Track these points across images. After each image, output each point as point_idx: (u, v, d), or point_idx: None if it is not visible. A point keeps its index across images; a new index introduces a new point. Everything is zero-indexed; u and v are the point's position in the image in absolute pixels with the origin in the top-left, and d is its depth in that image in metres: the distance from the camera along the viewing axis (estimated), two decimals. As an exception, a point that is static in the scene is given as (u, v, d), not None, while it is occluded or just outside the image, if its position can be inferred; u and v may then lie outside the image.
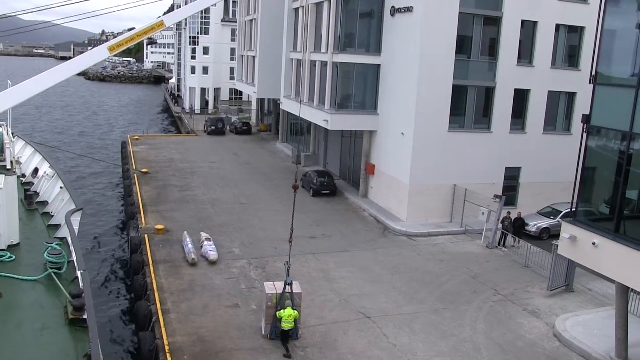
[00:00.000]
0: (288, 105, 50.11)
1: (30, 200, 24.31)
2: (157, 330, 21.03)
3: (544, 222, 34.16)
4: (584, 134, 19.50)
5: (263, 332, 20.41)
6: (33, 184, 27.22)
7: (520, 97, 36.45)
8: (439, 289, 25.94)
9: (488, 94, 36.02)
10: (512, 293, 25.91)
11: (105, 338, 23.28)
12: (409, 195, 34.64)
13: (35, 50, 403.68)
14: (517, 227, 32.05)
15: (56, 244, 18.80)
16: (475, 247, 31.88)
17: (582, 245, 19.14)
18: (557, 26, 36.36)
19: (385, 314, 22.95)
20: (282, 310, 19.85)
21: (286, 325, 19.85)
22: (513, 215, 32.40)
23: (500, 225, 31.86)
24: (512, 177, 37.01)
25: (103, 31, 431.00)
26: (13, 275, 17.09)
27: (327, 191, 40.69)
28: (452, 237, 33.42)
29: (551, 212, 34.62)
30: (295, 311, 20.05)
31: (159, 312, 22.18)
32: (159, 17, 22.05)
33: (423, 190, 34.50)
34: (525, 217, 33.27)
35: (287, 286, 19.79)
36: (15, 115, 67.63)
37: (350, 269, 27.72)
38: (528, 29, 35.80)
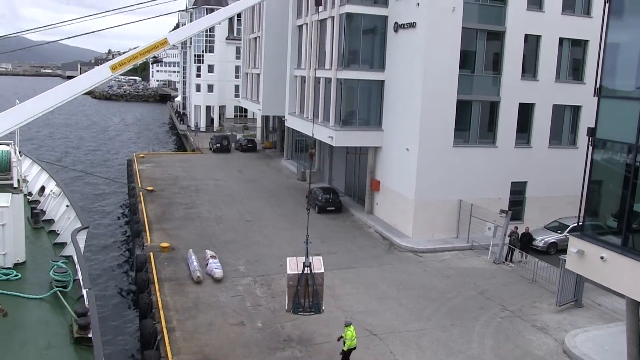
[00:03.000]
0: (293, 122, 50.20)
1: (36, 218, 24.31)
2: (162, 348, 20.93)
3: (552, 237, 33.95)
4: (590, 147, 19.40)
5: (286, 308, 20.16)
6: (39, 202, 27.24)
7: (525, 112, 36.41)
8: (445, 306, 25.74)
9: (493, 108, 36.00)
10: (520, 309, 25.68)
11: (110, 357, 23.13)
12: (415, 211, 34.52)
13: (43, 70, 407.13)
14: (524, 242, 31.86)
15: (62, 263, 18.75)
16: (482, 263, 31.68)
17: (590, 259, 18.96)
18: (561, 40, 36.42)
19: (392, 331, 22.77)
20: (346, 331, 20.00)
21: (350, 343, 19.88)
22: (520, 230, 32.24)
23: (507, 241, 31.67)
24: (518, 192, 36.85)
25: (109, 50, 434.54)
26: (19, 294, 17.04)
27: (333, 208, 40.60)
28: (458, 252, 33.23)
29: (558, 227, 34.43)
30: (348, 332, 20.14)
31: (164, 330, 22.09)
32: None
33: (429, 206, 34.38)
34: (532, 231, 33.08)
35: (306, 267, 19.44)
36: (27, 134, 67.89)
37: (356, 285, 27.56)
38: (532, 43, 35.87)
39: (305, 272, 19.46)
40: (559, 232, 33.98)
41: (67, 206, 24.36)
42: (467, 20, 33.68)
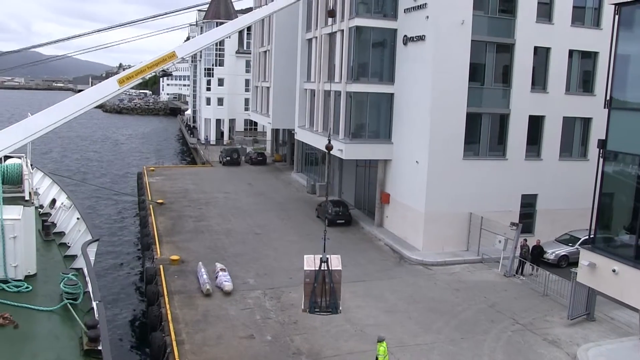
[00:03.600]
0: (302, 136, 50.32)
1: (47, 231, 24.44)
2: (171, 361, 20.90)
3: (563, 250, 33.72)
4: (601, 160, 19.33)
5: (302, 307, 19.17)
6: (50, 214, 27.39)
7: (535, 124, 36.32)
8: (456, 319, 25.57)
9: (502, 121, 35.95)
10: (531, 322, 25.46)
11: (120, 370, 23.16)
12: (425, 224, 34.41)
13: (55, 84, 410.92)
14: (535, 255, 31.67)
15: (72, 275, 18.81)
16: (492, 276, 31.49)
17: (602, 272, 18.84)
18: (571, 52, 36.39)
19: (402, 345, 22.63)
20: (379, 347, 19.95)
21: (386, 358, 19.83)
22: (531, 243, 32.05)
23: (517, 253, 31.49)
24: (528, 205, 36.67)
25: (120, 64, 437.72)
26: (30, 306, 17.10)
27: (343, 221, 40.55)
28: (468, 265, 33.05)
29: (569, 240, 34.20)
30: (382, 348, 20.10)
31: (174, 343, 22.07)
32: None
33: (439, 218, 34.27)
34: (543, 244, 32.88)
35: (322, 263, 18.59)
36: (39, 148, 68.51)
37: (366, 298, 27.45)
38: (541, 55, 35.85)
39: (322, 268, 18.62)
40: (570, 244, 33.75)
41: (78, 219, 24.48)
42: (476, 33, 33.73)
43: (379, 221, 39.99)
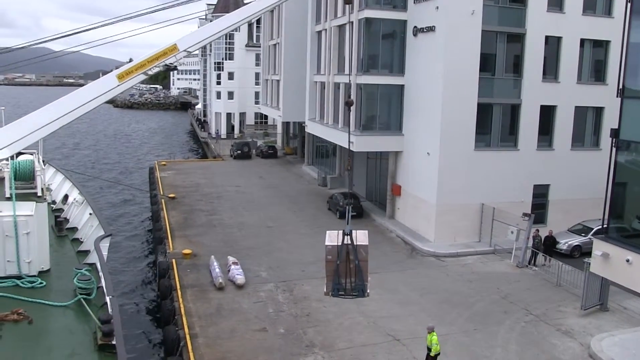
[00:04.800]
0: (313, 128, 50.28)
1: (60, 226, 24.56)
2: (185, 355, 21.04)
3: (575, 240, 33.53)
4: (614, 149, 19.17)
5: (325, 290, 17.44)
6: (63, 210, 27.55)
7: (547, 114, 36.08)
8: (469, 310, 25.53)
9: (514, 111, 35.74)
10: (544, 313, 25.37)
11: (134, 363, 23.31)
12: (437, 216, 34.33)
13: (66, 80, 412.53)
14: (547, 246, 31.54)
15: (86, 270, 18.91)
16: (505, 267, 31.38)
17: (615, 262, 18.73)
18: (582, 41, 36.06)
19: (415, 337, 22.61)
20: (431, 337, 19.68)
21: (437, 348, 19.70)
22: (543, 234, 31.89)
23: (530, 244, 31.34)
24: (541, 195, 36.47)
25: (131, 59, 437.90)
26: (44, 301, 17.23)
27: (354, 213, 40.33)
28: (481, 257, 32.96)
29: (582, 230, 33.99)
30: (435, 337, 19.60)
31: (187, 336, 22.19)
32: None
33: (450, 210, 34.16)
34: (555, 235, 32.71)
35: (346, 237, 16.63)
36: (52, 143, 68.89)
37: (379, 290, 27.39)
38: (552, 44, 35.55)
39: (345, 243, 16.53)
40: (582, 234, 33.54)
41: (90, 214, 24.62)
42: (486, 23, 33.51)
43: (390, 213, 39.93)
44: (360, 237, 16.85)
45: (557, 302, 26.58)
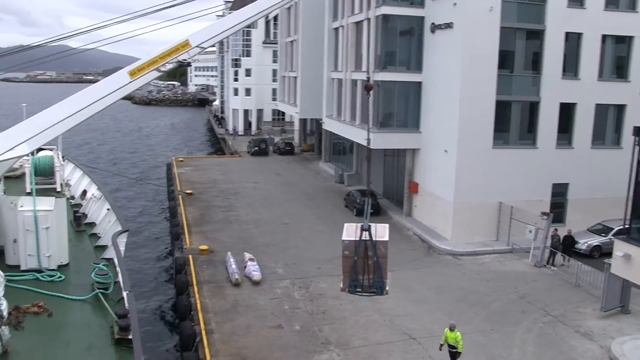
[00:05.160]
0: (330, 125, 50.21)
1: (79, 221, 24.80)
2: (200, 350, 21.12)
3: (595, 240, 33.13)
4: (636, 147, 18.88)
5: (341, 286, 16.68)
6: (82, 205, 27.78)
7: (567, 112, 35.64)
8: (485, 310, 25.33)
9: (533, 109, 35.36)
10: (562, 314, 25.08)
11: (150, 358, 23.39)
12: (454, 214, 34.11)
13: (85, 77, 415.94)
14: (566, 245, 31.18)
15: (103, 265, 19.08)
16: (523, 266, 31.10)
17: (637, 263, 18.47)
18: (604, 37, 35.52)
19: (431, 335, 22.46)
20: (456, 334, 19.53)
21: (461, 345, 19.60)
22: (562, 233, 31.54)
23: (548, 243, 31.03)
24: (559, 194, 36.07)
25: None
26: (63, 295, 17.40)
27: (371, 210, 40.20)
28: (498, 256, 32.69)
29: (602, 230, 33.58)
30: (459, 334, 19.41)
31: (203, 332, 22.27)
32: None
33: (468, 208, 33.93)
34: (574, 234, 32.33)
35: (364, 232, 15.76)
36: (70, 139, 69.63)
37: (395, 289, 27.13)
38: (572, 41, 35.09)
39: (364, 238, 15.70)
40: (602, 235, 33.14)
41: (108, 209, 24.82)
42: (505, 20, 33.18)
43: (407, 211, 39.77)
44: (380, 231, 16.08)
45: (575, 303, 26.27)
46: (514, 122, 35.09)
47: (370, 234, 15.63)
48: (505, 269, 30.75)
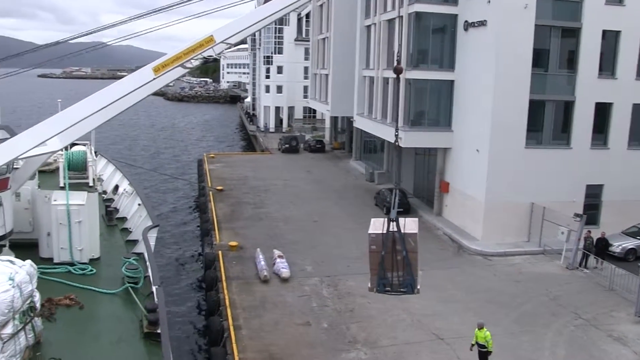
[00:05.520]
0: (361, 123, 50.07)
1: (110, 216, 25.19)
2: (228, 346, 21.25)
3: (630, 243, 32.42)
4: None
5: (369, 285, 15.67)
6: (113, 200, 28.20)
7: (602, 111, 34.91)
8: (515, 311, 24.99)
9: (567, 108, 34.74)
10: (595, 317, 24.59)
11: (178, 352, 23.61)
12: (485, 214, 33.72)
13: (119, 73, 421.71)
14: (600, 248, 30.56)
15: (133, 259, 19.35)
16: (554, 268, 30.60)
17: (672, 267, 18.01)
18: (644, 35, 34.69)
19: (459, 336, 22.25)
20: (486, 333, 19.37)
21: (491, 344, 19.48)
22: (595, 235, 30.94)
23: (581, 246, 30.47)
24: (594, 195, 35.36)
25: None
26: (94, 288, 17.70)
27: (401, 209, 39.99)
28: (529, 257, 32.22)
29: (638, 232, 32.87)
30: (488, 332, 19.21)
31: (231, 328, 22.40)
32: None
33: (499, 208, 33.49)
34: (608, 237, 31.66)
35: (391, 223, 14.68)
36: (104, 134, 70.79)
37: (424, 288, 26.85)
38: (610, 39, 34.33)
39: (391, 230, 14.53)
40: (638, 237, 32.44)
41: (139, 205, 25.15)
42: (540, 17, 32.63)
43: (437, 210, 39.45)
44: (410, 224, 14.94)
45: (609, 307, 25.72)
46: (547, 121, 34.55)
47: (398, 225, 14.55)
48: (536, 270, 30.30)
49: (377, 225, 14.98)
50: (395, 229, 14.47)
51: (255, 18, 18.82)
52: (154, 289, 17.23)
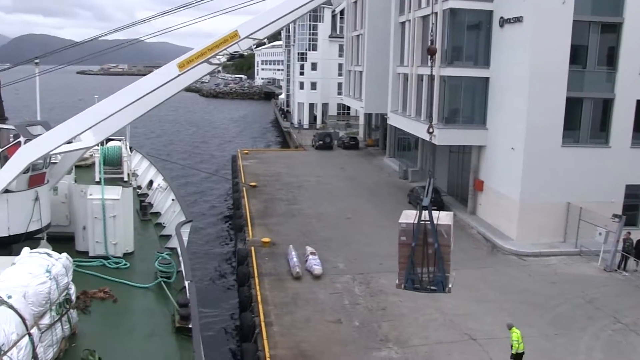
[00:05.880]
0: (395, 120, 49.80)
1: (144, 211, 25.49)
2: (259, 342, 21.34)
3: (671, 245, 31.56)
4: None
5: (397, 281, 14.64)
6: (148, 195, 28.54)
7: (644, 109, 34.02)
8: (550, 313, 24.54)
9: (606, 106, 33.98)
10: (634, 322, 23.94)
11: (209, 347, 23.72)
12: (520, 213, 33.21)
13: (155, 70, 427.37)
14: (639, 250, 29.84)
15: (166, 254, 19.54)
16: (591, 270, 29.97)
17: None
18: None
19: (492, 337, 21.96)
20: (512, 333, 19.13)
21: (520, 346, 19.25)
22: (635, 237, 30.19)
23: (620, 247, 29.76)
24: (634, 196, 34.46)
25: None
26: (127, 282, 17.93)
27: (435, 207, 39.52)
28: (565, 258, 31.62)
29: (679, 234, 31.98)
30: (518, 331, 18.93)
31: (262, 324, 22.50)
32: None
33: (534, 208, 32.94)
34: (649, 238, 30.90)
35: (423, 213, 13.85)
36: (140, 130, 71.85)
37: (456, 287, 26.57)
38: (653, 35, 33.44)
39: (423, 220, 13.66)
40: (680, 239, 31.56)
41: (173, 200, 25.39)
42: (578, 13, 31.94)
43: (471, 208, 39.01)
44: (444, 217, 13.96)
45: (649, 311, 25.08)
46: (585, 119, 33.85)
47: (430, 214, 13.59)
48: (572, 271, 29.72)
49: (409, 215, 14.18)
50: (427, 219, 13.58)
51: (280, 12, 18.03)
52: (186, 283, 17.38)
